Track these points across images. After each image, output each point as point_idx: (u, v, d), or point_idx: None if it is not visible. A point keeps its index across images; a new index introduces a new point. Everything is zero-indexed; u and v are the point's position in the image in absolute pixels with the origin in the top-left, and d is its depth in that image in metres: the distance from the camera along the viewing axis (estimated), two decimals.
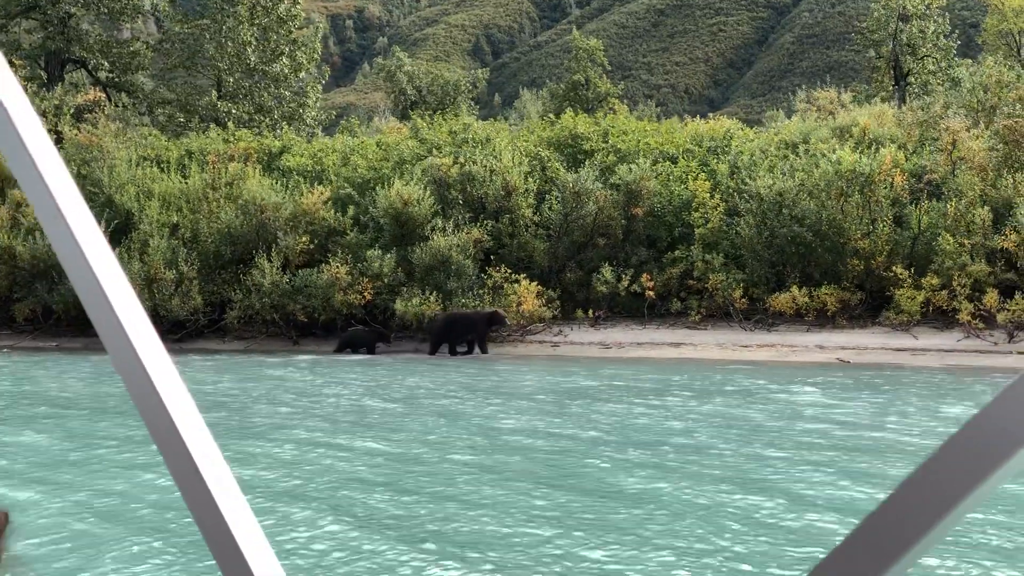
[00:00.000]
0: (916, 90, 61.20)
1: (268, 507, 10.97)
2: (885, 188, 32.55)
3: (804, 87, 78.66)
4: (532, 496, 11.52)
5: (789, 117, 56.77)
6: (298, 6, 61.52)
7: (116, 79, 61.77)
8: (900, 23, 64.76)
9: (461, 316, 32.40)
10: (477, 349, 31.98)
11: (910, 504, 0.73)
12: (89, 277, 1.08)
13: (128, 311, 1.07)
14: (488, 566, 8.89)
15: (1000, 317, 28.24)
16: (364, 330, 34.46)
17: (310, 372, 27.65)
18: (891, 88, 64.32)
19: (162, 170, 42.67)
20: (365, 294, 35.17)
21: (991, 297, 28.59)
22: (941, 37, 65.35)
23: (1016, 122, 32.22)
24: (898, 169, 32.95)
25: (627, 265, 35.38)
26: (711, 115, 50.36)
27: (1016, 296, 28.48)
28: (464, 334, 31.98)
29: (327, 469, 13.36)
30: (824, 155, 34.23)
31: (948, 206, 31.32)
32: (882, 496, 0.73)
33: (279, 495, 11.74)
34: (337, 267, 35.56)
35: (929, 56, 64.48)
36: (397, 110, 76.29)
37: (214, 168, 41.29)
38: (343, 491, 11.95)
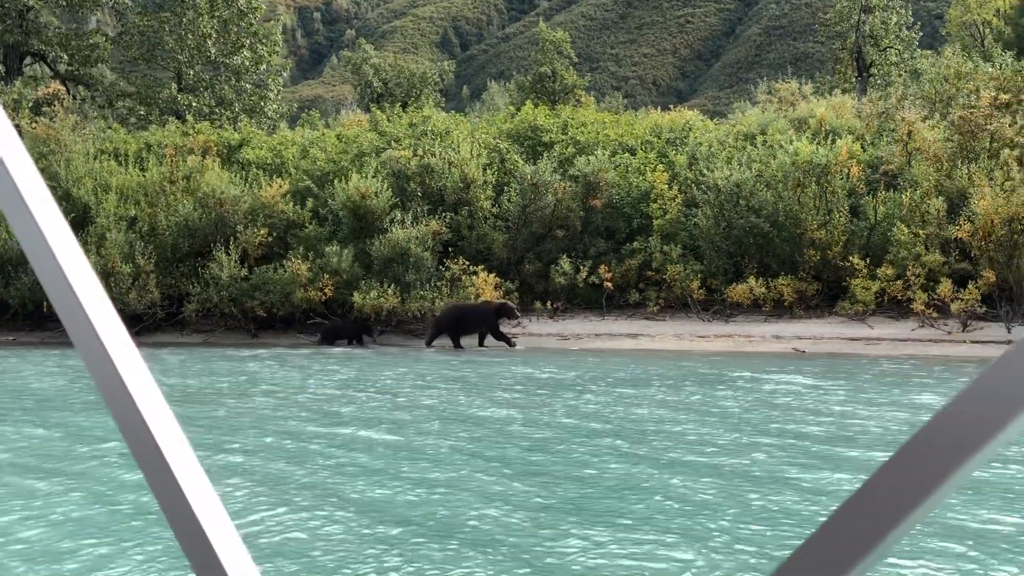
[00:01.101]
0: (878, 81, 61.54)
1: (242, 506, 10.81)
2: (841, 179, 32.70)
3: (766, 79, 78.95)
4: (510, 487, 11.47)
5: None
6: None
7: (75, 72, 61.21)
8: (863, 14, 65.12)
9: (470, 309, 32.00)
10: (504, 342, 31.01)
11: (883, 494, 0.73)
12: (55, 270, 1.07)
13: (95, 304, 1.06)
14: (471, 558, 8.81)
15: (954, 307, 28.44)
16: (347, 322, 34.31)
17: (285, 365, 27.32)
18: (854, 79, 64.67)
19: (120, 163, 42.31)
20: (326, 291, 35.02)
21: (945, 287, 28.78)
22: (903, 28, 65.83)
23: (970, 113, 32.41)
24: (854, 160, 33.13)
25: (585, 257, 35.43)
26: (671, 107, 50.33)
27: (969, 286, 28.69)
28: (473, 327, 31.61)
29: (302, 465, 13.15)
30: (781, 146, 34.34)
31: (904, 197, 31.48)
32: (845, 486, 0.72)
33: (253, 492, 11.58)
34: (297, 263, 35.38)
35: (891, 47, 64.88)
36: (363, 103, 75.98)
37: (171, 161, 40.98)
38: (320, 488, 11.79)
